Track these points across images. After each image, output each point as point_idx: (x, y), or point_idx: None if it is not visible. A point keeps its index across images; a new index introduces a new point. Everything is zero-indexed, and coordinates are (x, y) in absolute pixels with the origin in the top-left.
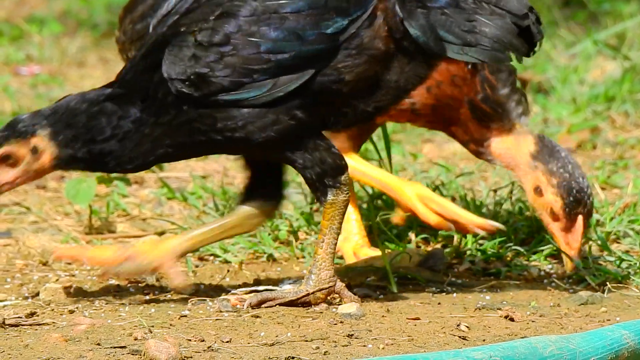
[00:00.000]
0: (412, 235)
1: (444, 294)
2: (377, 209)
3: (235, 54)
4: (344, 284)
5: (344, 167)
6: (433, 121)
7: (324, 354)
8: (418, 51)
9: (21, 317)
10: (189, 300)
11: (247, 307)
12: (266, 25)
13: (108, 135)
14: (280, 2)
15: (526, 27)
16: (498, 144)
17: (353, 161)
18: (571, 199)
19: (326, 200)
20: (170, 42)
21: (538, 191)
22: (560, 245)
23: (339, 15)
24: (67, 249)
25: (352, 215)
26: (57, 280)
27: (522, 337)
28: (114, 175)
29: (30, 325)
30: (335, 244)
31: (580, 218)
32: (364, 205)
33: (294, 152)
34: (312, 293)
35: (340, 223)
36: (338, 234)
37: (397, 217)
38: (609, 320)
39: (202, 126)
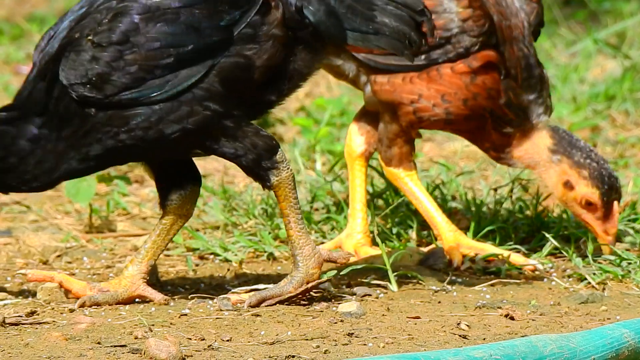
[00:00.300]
0: (412, 234)
1: (444, 292)
2: (377, 209)
3: (134, 51)
4: (327, 249)
5: (276, 146)
6: (460, 130)
7: (324, 353)
8: (318, 39)
9: (21, 316)
10: (189, 299)
11: (247, 307)
12: (162, 22)
13: (2, 155)
14: None
15: (421, 22)
16: (517, 147)
17: (412, 183)
18: (606, 187)
19: (271, 183)
20: (65, 51)
21: (568, 185)
22: (597, 234)
23: (231, 8)
24: (40, 271)
25: (359, 214)
26: None
27: (523, 336)
28: (114, 174)
29: (30, 324)
30: (301, 217)
31: (615, 204)
32: None
33: (222, 144)
34: (305, 275)
35: (296, 197)
36: (299, 207)
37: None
38: (609, 319)
39: (112, 129)
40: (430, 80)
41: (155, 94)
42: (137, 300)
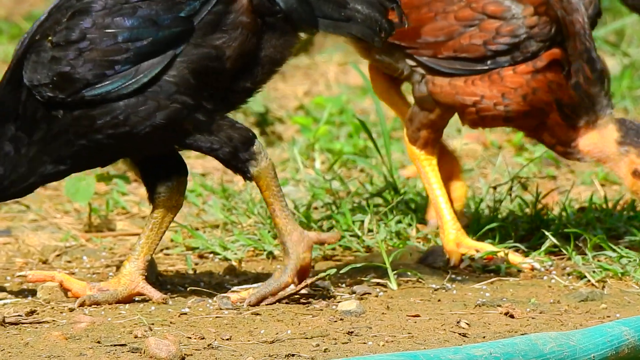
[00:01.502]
0: (412, 232)
1: (443, 291)
2: (376, 207)
3: (93, 48)
4: (311, 232)
5: (252, 137)
6: (522, 126)
7: (324, 351)
8: (289, 25)
9: (21, 316)
10: (189, 298)
11: (247, 306)
12: (120, 16)
13: None
14: None
15: (391, 8)
16: (585, 141)
17: (430, 168)
18: None
19: (251, 174)
20: (28, 53)
21: (637, 174)
22: None
23: None
24: (40, 272)
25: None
26: None
27: (522, 334)
28: (113, 172)
29: (30, 323)
30: (286, 204)
31: None
32: (363, 203)
33: (197, 137)
34: (297, 260)
35: (278, 186)
36: (282, 195)
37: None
38: (609, 316)
39: (81, 129)
40: (492, 82)
41: (116, 88)
42: (136, 299)
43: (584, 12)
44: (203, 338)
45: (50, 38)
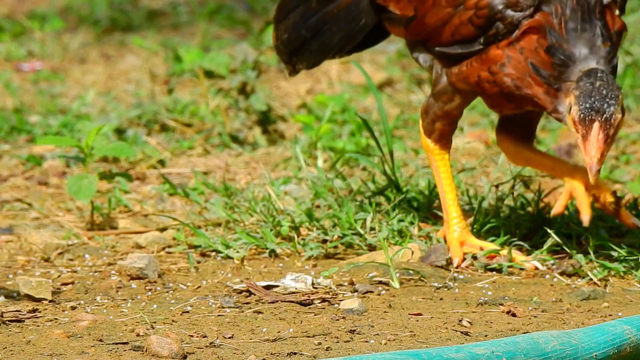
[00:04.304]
0: (414, 231)
1: (445, 289)
2: (378, 205)
3: None
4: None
5: None
6: (522, 101)
7: (326, 350)
8: None
9: (23, 314)
10: (191, 296)
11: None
12: None
13: None
14: None
15: None
16: (562, 107)
17: (442, 163)
18: (587, 105)
19: None
20: None
21: (570, 111)
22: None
23: None
24: None
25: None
26: (59, 276)
27: (524, 333)
28: (115, 171)
29: (32, 321)
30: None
31: (595, 125)
32: (366, 201)
33: None
34: None
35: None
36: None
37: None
38: (611, 315)
39: None
40: (483, 61)
41: None
42: (138, 297)
43: None
44: (205, 336)
45: None
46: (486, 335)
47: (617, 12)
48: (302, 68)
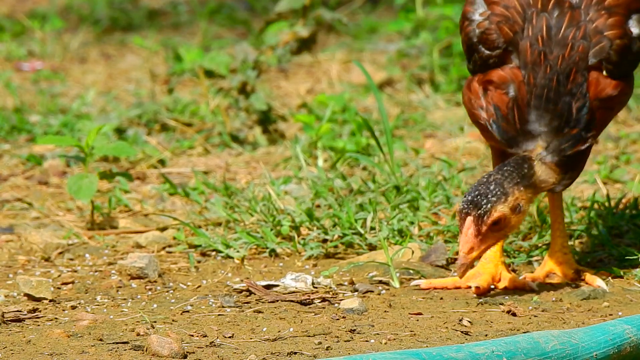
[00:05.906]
0: (414, 230)
1: (445, 289)
2: (378, 205)
3: None
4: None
5: None
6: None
7: (326, 349)
8: None
9: (23, 313)
10: (191, 296)
11: None
12: None
13: None
14: None
15: None
16: None
17: None
18: (467, 199)
19: None
20: None
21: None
22: None
23: None
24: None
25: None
26: (59, 276)
27: (525, 332)
28: (115, 170)
29: (32, 320)
30: None
31: (468, 219)
32: (365, 200)
33: None
34: None
35: None
36: None
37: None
38: (611, 315)
39: None
40: (466, 88)
41: None
42: (138, 296)
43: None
44: (205, 336)
45: None
46: (486, 335)
47: (604, 72)
48: None
